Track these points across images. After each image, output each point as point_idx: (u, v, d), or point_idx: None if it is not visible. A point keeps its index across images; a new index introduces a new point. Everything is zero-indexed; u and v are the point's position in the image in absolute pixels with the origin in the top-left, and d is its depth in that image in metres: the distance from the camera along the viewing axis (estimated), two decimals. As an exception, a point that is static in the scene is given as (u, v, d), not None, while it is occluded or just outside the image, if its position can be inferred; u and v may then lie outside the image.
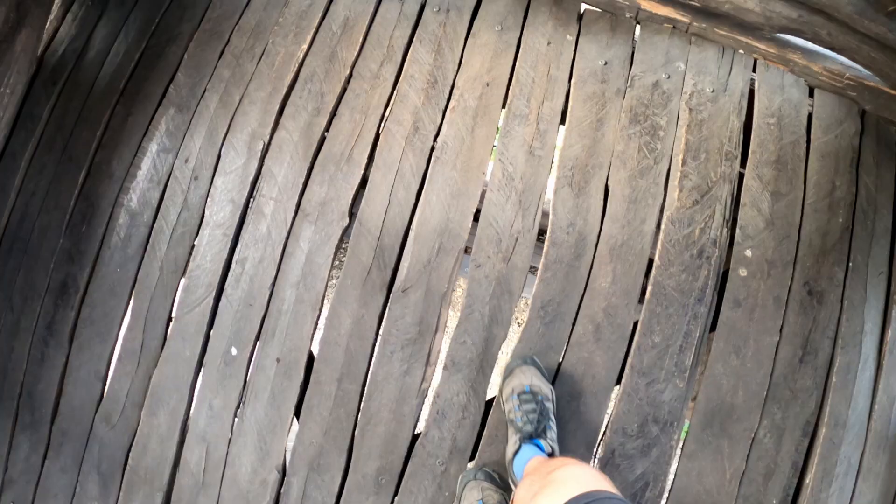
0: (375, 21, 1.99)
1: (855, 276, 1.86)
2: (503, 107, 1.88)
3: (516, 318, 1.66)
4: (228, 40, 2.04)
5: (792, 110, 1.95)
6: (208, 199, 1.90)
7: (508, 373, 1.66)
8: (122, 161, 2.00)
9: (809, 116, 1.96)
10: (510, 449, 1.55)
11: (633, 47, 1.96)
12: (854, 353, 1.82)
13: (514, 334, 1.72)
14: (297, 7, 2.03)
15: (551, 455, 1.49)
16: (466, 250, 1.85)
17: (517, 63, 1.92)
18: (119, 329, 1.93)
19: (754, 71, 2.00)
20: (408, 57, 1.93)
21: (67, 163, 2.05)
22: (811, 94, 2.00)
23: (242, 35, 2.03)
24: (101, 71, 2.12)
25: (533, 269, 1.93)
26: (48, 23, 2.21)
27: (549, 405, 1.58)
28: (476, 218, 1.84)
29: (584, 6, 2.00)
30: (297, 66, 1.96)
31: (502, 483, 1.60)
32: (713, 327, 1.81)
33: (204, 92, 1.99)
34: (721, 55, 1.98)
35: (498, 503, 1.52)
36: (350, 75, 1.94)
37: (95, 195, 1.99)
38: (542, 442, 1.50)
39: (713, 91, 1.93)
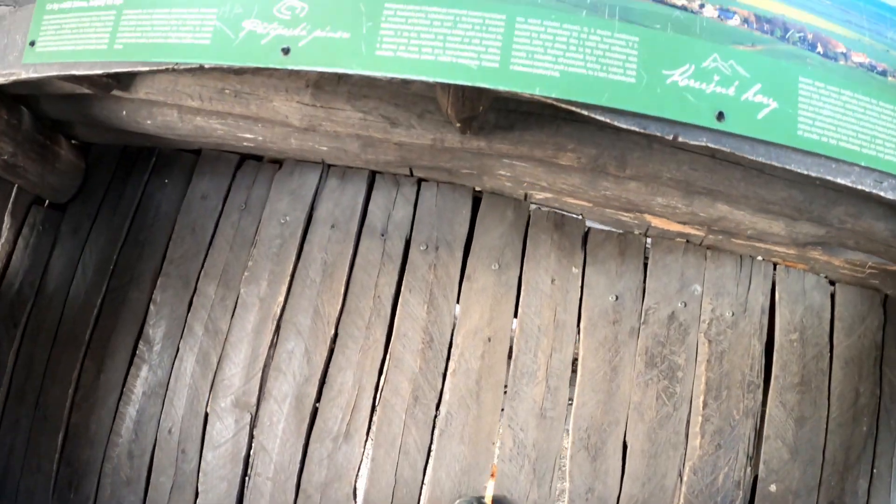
0: (356, 264, 1.64)
1: (878, 482, 1.68)
2: (508, 364, 1.58)
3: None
4: (196, 289, 1.69)
5: (814, 319, 1.68)
6: (200, 475, 1.64)
7: None
8: (101, 425, 1.71)
9: (831, 320, 1.69)
10: None
11: (645, 271, 1.64)
12: (874, 559, 1.67)
13: None
14: (267, 248, 1.67)
15: None
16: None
17: (520, 309, 1.60)
18: None
19: (774, 269, 1.70)
20: (398, 311, 1.61)
21: (43, 420, 1.75)
22: (832, 284, 1.72)
23: (210, 282, 1.68)
24: (63, 313, 1.80)
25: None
26: (-1, 247, 1.84)
27: None
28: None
29: (588, 223, 1.65)
30: (275, 322, 1.64)
31: None
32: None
33: (177, 351, 1.67)
34: (739, 267, 1.67)
35: None
36: (336, 334, 1.62)
37: (78, 461, 1.72)
38: None
39: (733, 314, 1.63)
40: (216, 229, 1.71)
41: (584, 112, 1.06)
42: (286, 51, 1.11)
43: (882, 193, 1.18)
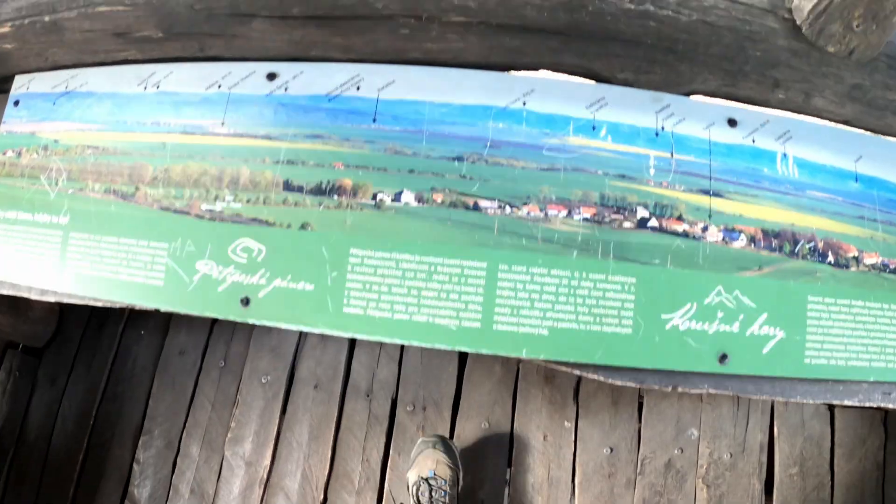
0: (343, 426, 1.52)
1: None
2: (503, 525, 1.48)
3: None
4: (179, 450, 1.56)
5: (814, 449, 1.58)
6: None
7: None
8: (93, 585, 1.61)
9: (832, 448, 1.59)
10: None
11: (640, 419, 1.52)
12: None
13: None
14: (249, 409, 1.54)
15: None
16: None
17: (512, 468, 1.49)
18: None
19: (772, 402, 1.59)
20: (388, 474, 1.49)
21: (34, 573, 1.65)
22: (831, 408, 1.62)
23: (193, 442, 1.56)
24: (45, 466, 1.67)
25: None
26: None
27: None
28: None
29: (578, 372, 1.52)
30: (262, 487, 1.52)
31: (458, 460, 1.41)
32: None
33: (164, 513, 1.56)
34: (737, 406, 1.56)
35: (450, 480, 1.33)
36: (325, 499, 1.51)
37: None
38: None
39: (731, 456, 1.53)
40: (196, 387, 1.58)
41: (576, 372, 0.92)
42: (246, 301, 0.96)
43: (891, 405, 1.06)
